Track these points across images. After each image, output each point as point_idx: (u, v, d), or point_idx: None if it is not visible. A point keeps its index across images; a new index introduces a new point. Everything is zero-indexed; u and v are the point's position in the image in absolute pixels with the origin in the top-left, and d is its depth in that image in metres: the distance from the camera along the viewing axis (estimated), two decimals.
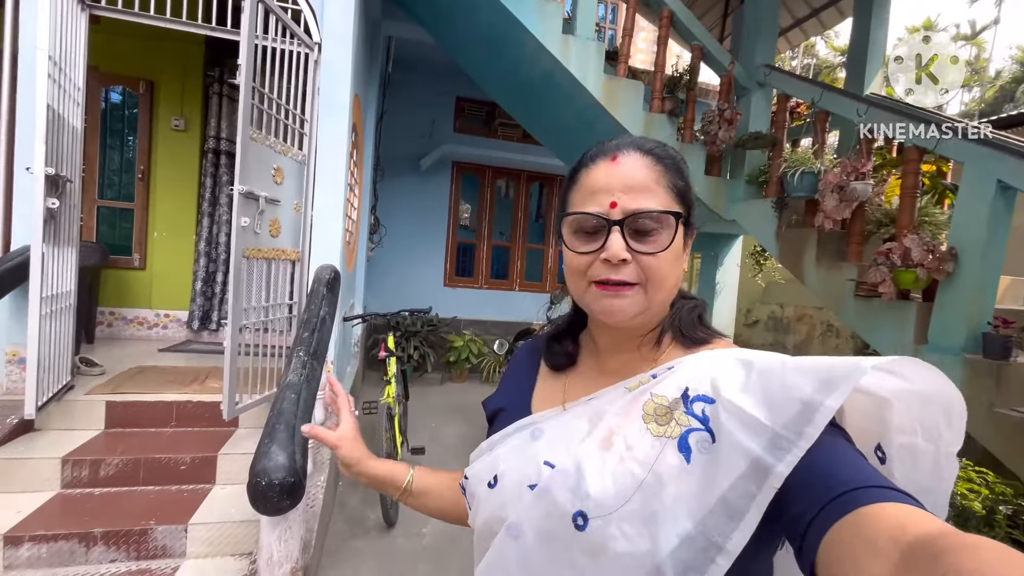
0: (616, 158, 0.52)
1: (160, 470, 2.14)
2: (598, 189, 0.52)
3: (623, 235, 0.50)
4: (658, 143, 0.55)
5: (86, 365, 2.75)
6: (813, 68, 15.41)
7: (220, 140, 3.95)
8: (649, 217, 0.50)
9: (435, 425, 4.08)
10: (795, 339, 5.58)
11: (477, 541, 0.58)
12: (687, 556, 0.40)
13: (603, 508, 0.44)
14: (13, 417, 2.18)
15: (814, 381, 0.40)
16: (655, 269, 0.50)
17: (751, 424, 0.41)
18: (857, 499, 0.35)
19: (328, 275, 2.41)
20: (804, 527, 0.36)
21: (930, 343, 1.98)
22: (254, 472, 1.40)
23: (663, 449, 0.45)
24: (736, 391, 0.44)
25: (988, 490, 2.42)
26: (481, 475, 0.58)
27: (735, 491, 0.40)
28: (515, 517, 0.51)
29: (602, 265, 0.50)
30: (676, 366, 0.51)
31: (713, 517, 0.40)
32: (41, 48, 1.97)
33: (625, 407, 0.50)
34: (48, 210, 2.07)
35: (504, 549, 0.51)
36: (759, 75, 3.10)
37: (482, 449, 0.61)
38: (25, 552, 1.75)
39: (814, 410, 0.39)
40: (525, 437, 0.57)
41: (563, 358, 0.63)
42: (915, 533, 0.31)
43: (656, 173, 0.52)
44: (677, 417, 0.46)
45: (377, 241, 5.44)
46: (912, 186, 2.14)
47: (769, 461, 0.39)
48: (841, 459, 0.39)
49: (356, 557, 2.27)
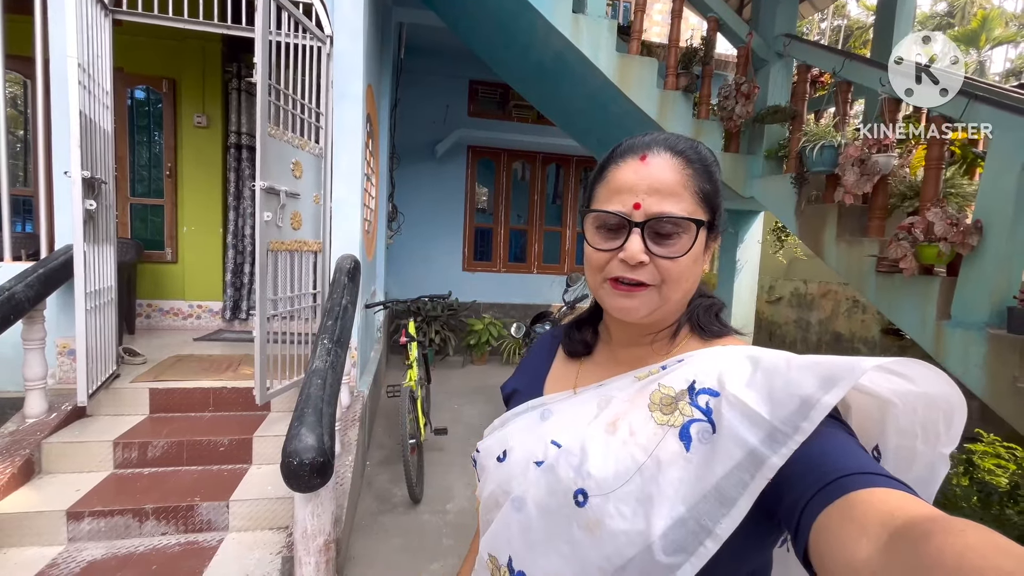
0: (645, 158, 0.52)
1: (201, 451, 2.30)
2: (623, 188, 0.52)
3: (643, 237, 0.50)
4: (691, 143, 0.54)
5: (129, 355, 2.93)
6: (843, 30, 14.63)
7: (241, 135, 4.05)
8: (671, 222, 0.50)
9: (457, 406, 4.20)
10: (819, 315, 5.46)
11: (482, 512, 0.61)
12: (678, 537, 0.42)
13: (603, 487, 0.47)
14: (67, 404, 2.36)
15: (814, 378, 0.41)
16: (672, 272, 0.51)
17: (752, 418, 0.42)
18: (849, 484, 0.36)
19: (349, 265, 2.49)
20: (798, 513, 0.38)
21: (953, 318, 1.93)
22: (286, 453, 1.50)
23: (665, 436, 0.46)
24: (741, 386, 0.45)
25: (1016, 465, 2.38)
26: (492, 449, 0.61)
27: (729, 479, 0.42)
28: (520, 491, 0.54)
29: (620, 264, 0.51)
30: (686, 359, 0.52)
31: (706, 503, 0.42)
32: (71, 56, 2.06)
33: (633, 395, 0.52)
34: (87, 211, 2.19)
35: (508, 520, 0.54)
36: (778, 45, 3.00)
37: (494, 425, 0.65)
38: (86, 526, 1.91)
39: (811, 406, 0.40)
40: (535, 417, 0.60)
41: (580, 346, 0.64)
42: (904, 517, 0.31)
43: (684, 176, 0.52)
44: (681, 407, 0.47)
45: (396, 229, 5.53)
46: (937, 157, 2.07)
47: (764, 453, 0.41)
48: (837, 448, 0.40)
49: (384, 532, 2.40)
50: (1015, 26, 13.65)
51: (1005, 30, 12.41)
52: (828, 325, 5.34)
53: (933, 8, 14.80)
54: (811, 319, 5.58)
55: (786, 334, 5.90)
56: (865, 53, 4.56)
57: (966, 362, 1.84)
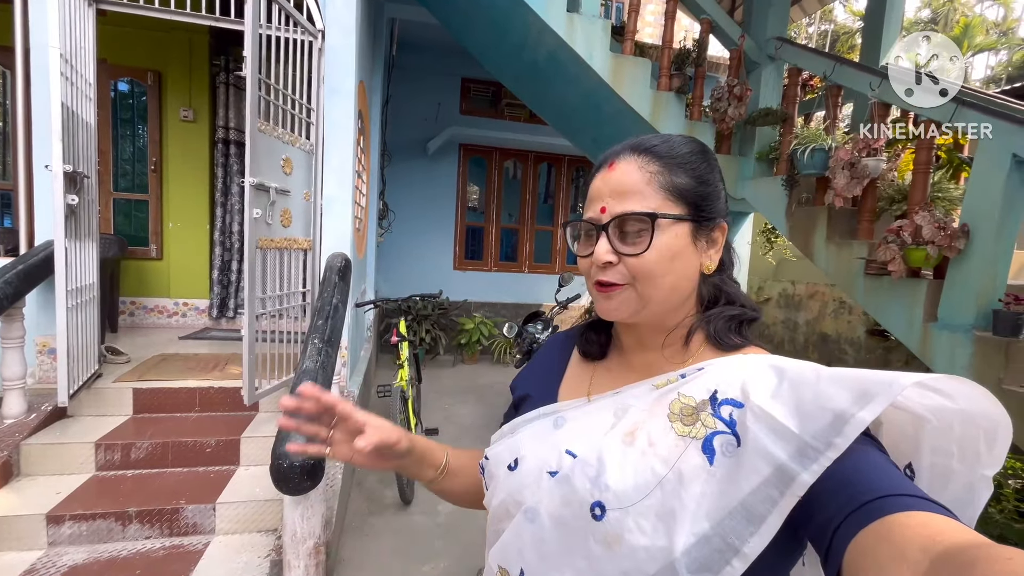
0: (613, 164, 0.54)
1: (187, 453, 2.25)
2: (594, 196, 0.55)
3: (608, 238, 0.52)
4: (666, 139, 0.54)
5: (112, 354, 2.86)
6: (830, 34, 14.85)
7: (229, 130, 3.98)
8: (632, 218, 0.51)
9: (448, 406, 4.18)
10: (807, 316, 5.54)
11: (491, 522, 0.59)
12: (702, 555, 0.41)
13: (622, 501, 0.45)
14: (47, 404, 2.29)
15: (848, 392, 0.40)
16: (639, 268, 0.51)
17: (780, 431, 0.41)
18: (885, 506, 0.34)
19: (339, 263, 2.46)
20: (830, 534, 0.36)
21: (940, 320, 1.97)
22: (276, 454, 1.47)
23: (686, 449, 0.45)
24: (767, 397, 0.43)
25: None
26: (502, 457, 0.59)
27: (757, 496, 0.40)
28: (533, 501, 0.52)
29: (596, 267, 0.53)
30: (706, 367, 0.50)
31: (732, 520, 0.41)
32: (53, 46, 2.00)
33: (651, 404, 0.51)
34: (68, 206, 2.13)
35: (520, 531, 0.52)
36: (770, 48, 3.02)
37: (504, 432, 0.63)
38: (67, 530, 1.86)
39: (845, 422, 0.38)
40: (548, 424, 0.58)
41: (595, 347, 0.64)
42: (946, 543, 0.30)
43: (647, 174, 0.52)
44: (703, 418, 0.46)
45: (386, 227, 5.49)
46: (925, 161, 2.10)
47: (794, 469, 0.39)
48: (870, 467, 0.38)
49: (375, 534, 2.38)
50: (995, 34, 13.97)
51: (986, 37, 12.71)
52: (815, 326, 5.41)
53: (918, 15, 15.08)
54: (799, 320, 5.65)
55: (774, 334, 5.97)
56: (853, 57, 4.62)
57: (952, 364, 1.87)
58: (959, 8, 14.08)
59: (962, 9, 14.06)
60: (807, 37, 13.93)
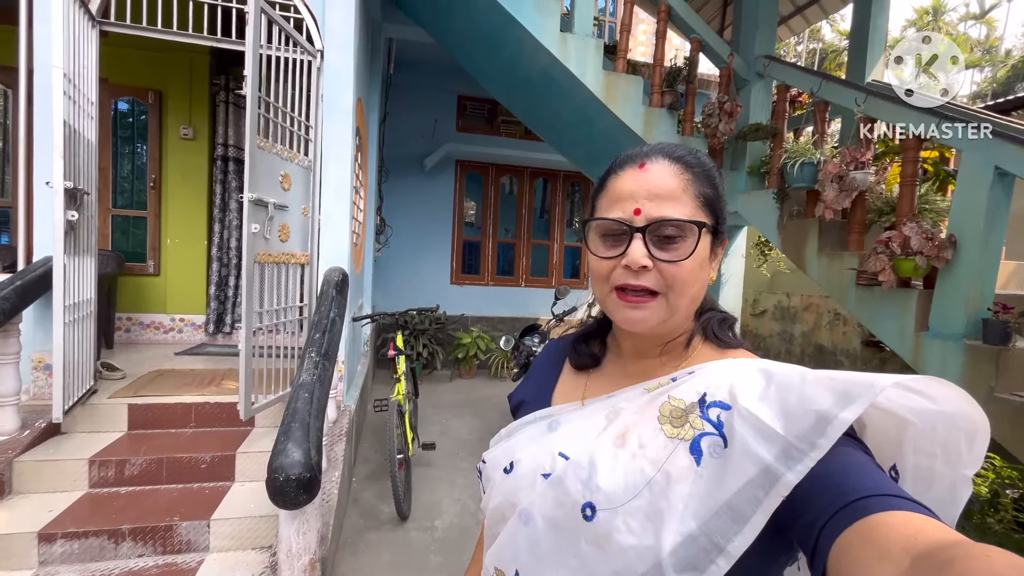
0: (644, 165, 0.52)
1: (182, 469, 2.23)
2: (624, 196, 0.52)
3: (645, 242, 0.50)
4: (690, 150, 0.54)
5: (107, 370, 2.85)
6: (819, 53, 15.20)
7: (228, 147, 4.03)
8: (672, 225, 0.50)
9: (445, 420, 4.16)
10: (802, 328, 5.56)
11: (488, 524, 0.60)
12: (689, 554, 0.41)
13: (611, 501, 0.46)
14: (41, 421, 2.28)
15: (831, 394, 0.40)
16: (676, 277, 0.50)
17: (765, 433, 0.41)
18: (869, 506, 0.35)
19: (337, 277, 2.47)
20: (816, 534, 0.37)
21: (931, 330, 1.99)
22: (272, 468, 1.46)
23: (675, 450, 0.46)
24: (754, 400, 0.44)
25: (995, 474, 2.43)
26: (498, 460, 0.60)
27: (742, 496, 0.41)
28: (527, 503, 0.53)
29: (623, 271, 0.51)
30: (697, 371, 0.51)
31: (718, 519, 0.41)
32: (56, 66, 2.04)
33: (642, 407, 0.51)
34: (68, 222, 2.15)
35: (515, 533, 0.53)
36: (758, 66, 3.10)
37: (500, 436, 0.64)
38: (59, 549, 1.83)
39: (828, 423, 0.39)
40: (542, 427, 0.59)
41: (588, 358, 0.63)
42: (927, 541, 0.31)
43: (683, 181, 0.52)
44: (692, 420, 0.46)
45: (384, 242, 5.52)
46: (911, 175, 2.15)
47: (779, 469, 0.40)
48: (854, 467, 0.39)
49: (371, 549, 2.35)
50: (979, 51, 14.34)
51: (970, 55, 13.03)
52: (811, 337, 5.43)
53: (903, 33, 15.48)
54: (794, 331, 5.68)
55: (770, 346, 5.99)
56: (841, 75, 4.74)
57: (944, 372, 1.89)
58: (943, 27, 14.47)
59: (946, 28, 14.45)
60: (796, 55, 14.25)
